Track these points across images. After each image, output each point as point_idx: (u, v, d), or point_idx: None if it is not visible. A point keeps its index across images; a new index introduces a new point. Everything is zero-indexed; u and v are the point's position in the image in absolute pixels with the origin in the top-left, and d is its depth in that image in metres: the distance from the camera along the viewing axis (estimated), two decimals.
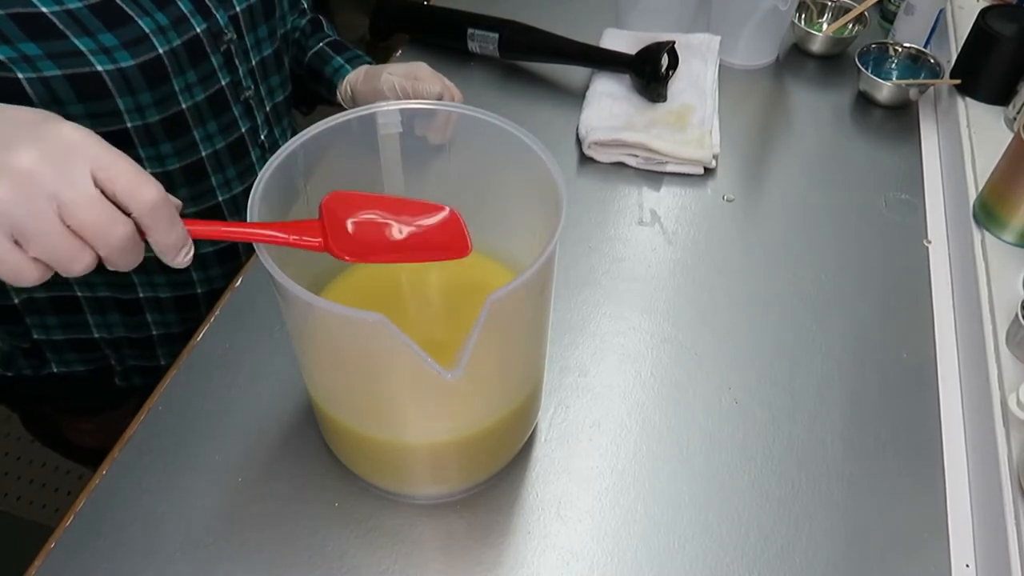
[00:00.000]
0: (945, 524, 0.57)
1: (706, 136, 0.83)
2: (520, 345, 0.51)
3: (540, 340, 0.54)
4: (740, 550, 0.55)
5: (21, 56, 0.57)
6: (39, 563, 0.53)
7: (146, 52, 0.62)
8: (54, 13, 0.58)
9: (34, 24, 0.57)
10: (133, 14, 0.61)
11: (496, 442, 0.55)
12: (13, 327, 0.73)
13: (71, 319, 0.73)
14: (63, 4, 0.58)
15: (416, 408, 0.51)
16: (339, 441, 0.56)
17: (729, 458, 0.60)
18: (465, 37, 0.95)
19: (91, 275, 0.43)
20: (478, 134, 0.52)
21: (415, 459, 0.54)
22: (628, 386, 0.65)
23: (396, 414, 0.51)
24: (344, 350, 0.48)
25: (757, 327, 0.69)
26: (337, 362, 0.50)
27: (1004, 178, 0.71)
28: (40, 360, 0.76)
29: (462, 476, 0.56)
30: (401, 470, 0.55)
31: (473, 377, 0.44)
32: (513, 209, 0.55)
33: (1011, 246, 0.71)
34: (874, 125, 0.91)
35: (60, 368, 0.77)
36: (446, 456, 0.53)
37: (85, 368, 0.78)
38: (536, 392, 0.56)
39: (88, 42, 0.59)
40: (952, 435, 0.62)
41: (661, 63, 0.87)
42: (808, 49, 1.00)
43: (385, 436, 0.52)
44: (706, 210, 0.80)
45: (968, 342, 0.67)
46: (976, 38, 0.86)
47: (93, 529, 0.55)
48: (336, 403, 0.52)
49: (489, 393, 0.51)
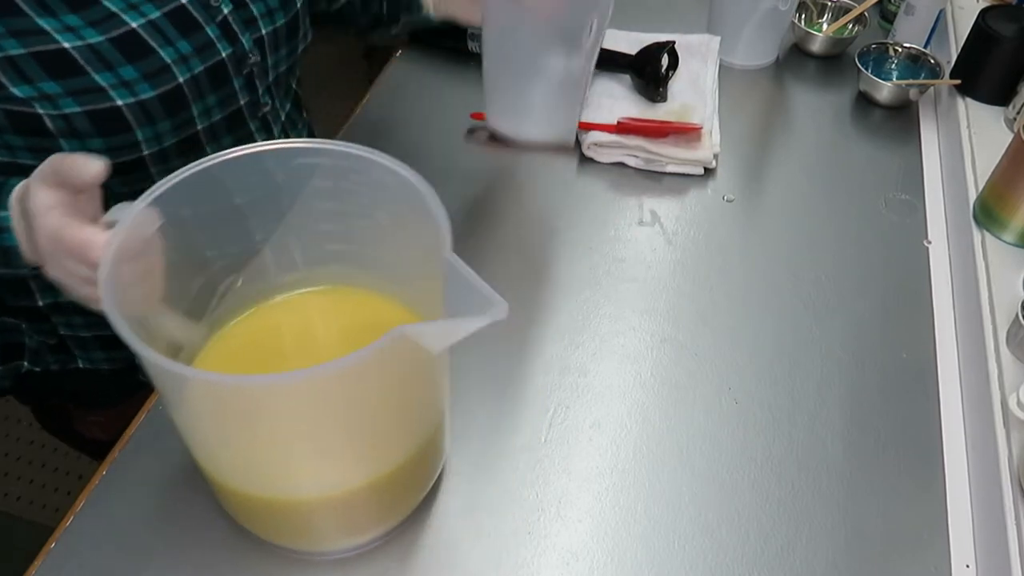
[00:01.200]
0: (945, 524, 0.57)
1: (706, 136, 0.83)
2: (419, 387, 0.49)
3: (440, 380, 0.51)
4: (740, 550, 0.55)
5: (41, 95, 0.57)
6: (39, 563, 0.53)
7: (167, 82, 0.61)
8: (76, 48, 0.57)
9: (55, 61, 0.57)
10: (155, 44, 0.61)
11: (407, 482, 0.53)
12: (40, 324, 0.74)
13: (95, 319, 0.74)
14: (84, 39, 0.58)
15: (318, 461, 0.48)
16: (237, 506, 0.53)
17: (729, 458, 0.60)
18: (465, 37, 0.95)
19: None
20: (366, 173, 0.50)
21: (330, 512, 0.51)
22: (628, 386, 0.65)
23: (303, 468, 0.49)
24: (231, 418, 0.45)
25: (757, 327, 0.69)
26: (225, 432, 0.47)
27: (1004, 178, 0.71)
28: (67, 355, 0.77)
29: (377, 521, 0.54)
30: (318, 525, 0.53)
31: (375, 421, 0.45)
32: (405, 248, 0.51)
33: (1011, 246, 0.71)
34: (874, 125, 0.91)
35: (85, 364, 0.78)
36: (359, 504, 0.51)
37: (109, 366, 0.79)
38: (440, 430, 0.54)
39: (108, 77, 0.59)
40: (952, 435, 0.62)
41: (661, 63, 0.87)
42: (808, 49, 1.00)
43: (295, 493, 0.49)
44: (706, 210, 0.80)
45: (968, 342, 0.67)
46: (976, 38, 0.86)
47: (93, 529, 0.55)
48: (232, 472, 0.49)
49: (390, 437, 0.49)
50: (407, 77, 0.96)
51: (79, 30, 0.57)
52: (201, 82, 0.64)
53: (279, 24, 0.71)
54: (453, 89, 0.94)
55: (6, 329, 0.73)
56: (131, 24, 0.60)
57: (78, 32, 0.57)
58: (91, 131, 0.60)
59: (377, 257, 0.55)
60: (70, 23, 0.57)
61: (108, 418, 0.89)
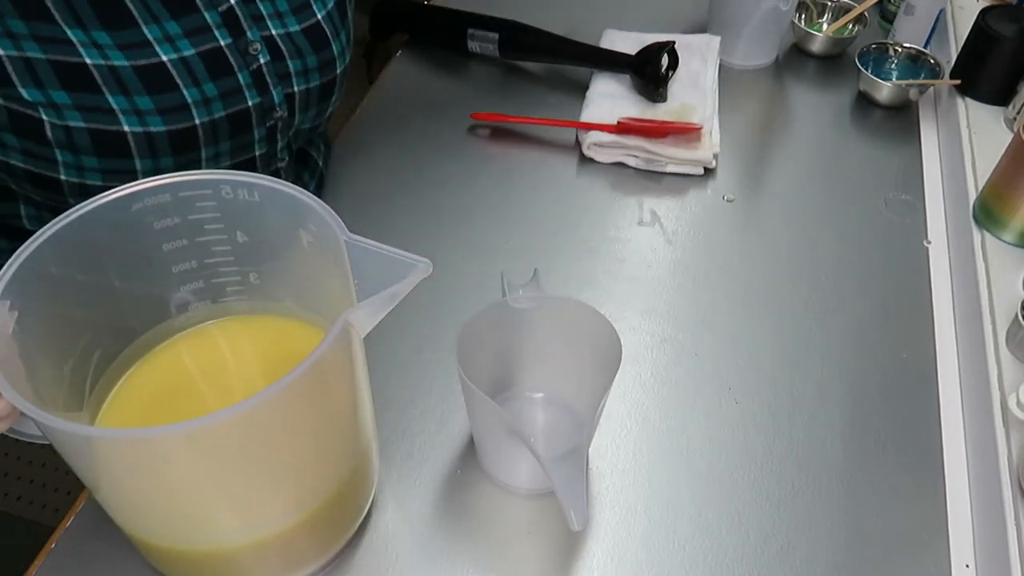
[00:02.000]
0: (945, 524, 0.57)
1: (706, 136, 0.83)
2: (341, 411, 0.47)
3: (363, 403, 0.49)
4: (740, 550, 0.55)
5: (49, 102, 0.55)
6: (39, 563, 0.53)
7: (182, 121, 0.59)
8: (97, 66, 0.55)
9: (72, 73, 0.55)
10: (181, 82, 0.58)
11: (341, 511, 0.51)
12: None
13: None
14: (109, 59, 0.56)
15: (245, 504, 0.45)
16: (166, 563, 0.50)
17: (729, 458, 0.60)
18: (465, 37, 0.95)
19: None
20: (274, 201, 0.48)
21: (264, 555, 0.48)
22: (628, 386, 0.65)
23: (231, 515, 0.45)
24: (145, 473, 0.41)
25: (757, 327, 0.69)
26: (140, 488, 0.43)
27: (1004, 178, 0.71)
28: None
29: (313, 557, 0.52)
30: (251, 571, 0.50)
31: (302, 453, 0.43)
32: (314, 270, 0.49)
33: (1011, 246, 0.71)
34: (874, 125, 0.91)
35: None
36: (295, 541, 0.48)
37: None
38: (368, 456, 0.52)
39: (122, 101, 0.57)
40: (952, 435, 0.62)
41: (661, 63, 0.87)
42: (808, 49, 1.00)
43: (227, 541, 0.46)
44: (706, 210, 0.80)
45: (968, 342, 0.67)
46: (976, 38, 0.86)
47: (93, 529, 0.55)
48: (154, 529, 0.46)
49: (318, 467, 0.47)
50: (407, 77, 0.96)
51: (106, 49, 0.56)
52: (219, 127, 0.62)
53: (313, 85, 0.69)
54: (453, 89, 0.94)
55: None
56: (162, 57, 0.58)
57: (104, 51, 0.56)
58: (90, 149, 0.58)
59: (264, 281, 0.52)
60: (99, 40, 0.56)
61: None
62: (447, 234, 0.76)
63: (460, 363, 0.50)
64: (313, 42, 0.67)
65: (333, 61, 0.70)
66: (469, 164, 0.85)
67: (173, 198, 0.48)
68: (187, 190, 0.48)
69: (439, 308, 0.69)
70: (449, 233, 0.76)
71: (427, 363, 0.65)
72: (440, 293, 0.70)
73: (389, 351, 0.66)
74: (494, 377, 0.59)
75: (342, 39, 0.71)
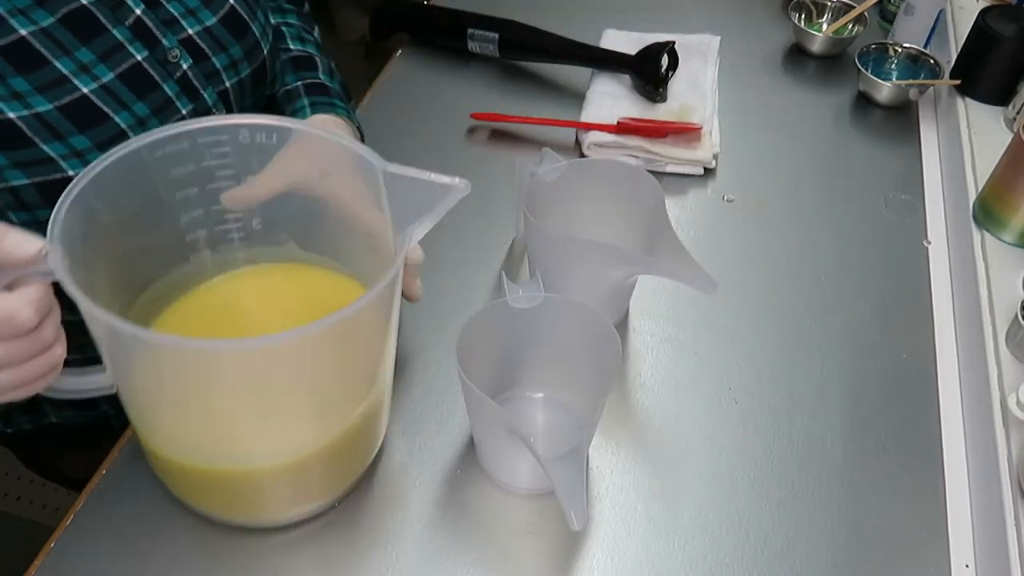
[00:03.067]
0: (945, 524, 0.57)
1: (706, 136, 0.83)
2: (377, 345, 0.50)
3: (391, 338, 0.52)
4: (740, 550, 0.55)
5: None
6: (39, 563, 0.53)
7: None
8: (22, 118, 0.52)
9: (1, 132, 0.52)
10: (109, 111, 0.56)
11: (358, 444, 0.54)
12: None
13: None
14: (32, 107, 0.53)
15: (275, 426, 0.49)
16: (183, 482, 0.54)
17: (729, 458, 0.60)
18: (465, 37, 0.95)
19: (82, 338, 0.44)
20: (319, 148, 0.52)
21: (282, 480, 0.52)
22: (628, 386, 0.65)
23: (258, 435, 0.49)
24: (190, 385, 0.46)
25: (757, 327, 0.69)
26: (181, 401, 0.48)
27: (1004, 178, 0.71)
28: (38, 414, 0.74)
29: (327, 489, 0.55)
30: (268, 496, 0.53)
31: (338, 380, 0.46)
32: (356, 221, 0.53)
33: (1011, 246, 0.71)
34: (874, 125, 0.91)
35: (59, 420, 0.75)
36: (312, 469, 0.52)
37: (82, 422, 0.76)
38: (383, 399, 0.55)
39: (59, 147, 0.54)
40: (952, 435, 0.62)
41: (661, 63, 0.87)
42: (808, 49, 1.00)
43: (247, 463, 0.49)
44: (706, 210, 0.80)
45: (968, 342, 0.67)
46: (976, 38, 0.86)
47: (93, 529, 0.55)
48: (182, 445, 0.50)
49: (346, 396, 0.50)
50: (407, 77, 0.96)
51: (27, 97, 0.53)
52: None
53: (244, 75, 0.66)
54: (453, 89, 0.94)
55: None
56: (83, 89, 0.54)
57: (26, 100, 0.53)
58: (40, 203, 0.55)
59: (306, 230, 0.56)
60: (18, 88, 0.52)
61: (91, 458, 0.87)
62: (447, 234, 0.76)
63: (460, 363, 0.51)
64: (233, 30, 0.64)
65: (257, 44, 0.67)
66: (469, 164, 0.85)
67: (191, 145, 0.50)
68: (206, 136, 0.50)
69: (439, 308, 0.69)
70: (449, 233, 0.76)
71: (427, 363, 0.65)
72: (440, 293, 0.70)
73: None
74: (494, 377, 0.59)
75: (260, 17, 0.68)
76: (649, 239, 0.63)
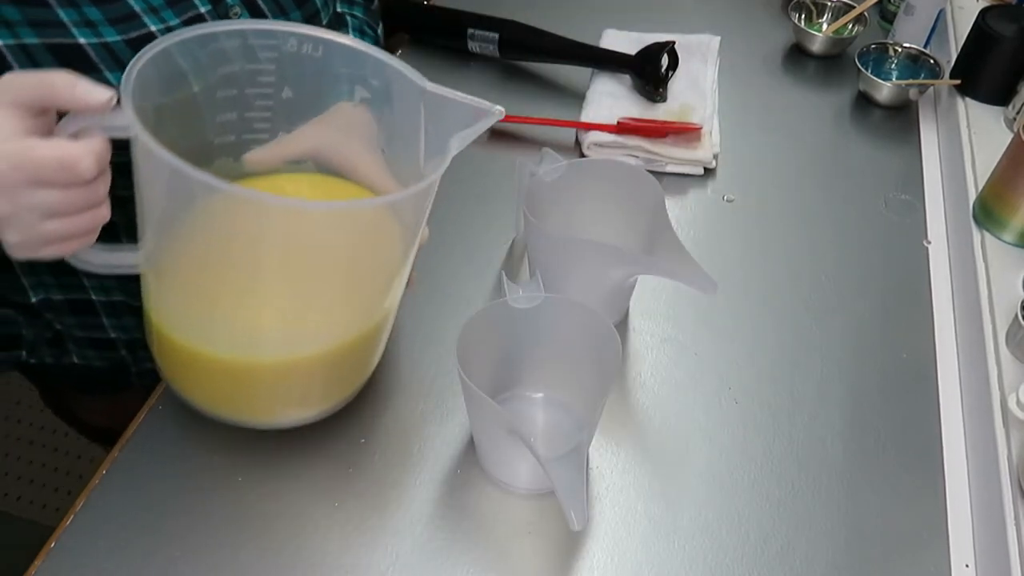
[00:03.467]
0: (945, 524, 0.57)
1: (706, 136, 0.83)
2: (398, 249, 0.53)
3: (409, 260, 0.55)
4: (740, 550, 0.55)
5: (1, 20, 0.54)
6: (39, 563, 0.53)
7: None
8: (91, 45, 0.55)
9: (70, 56, 0.55)
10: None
11: (364, 354, 0.57)
12: (35, 319, 0.73)
13: (88, 320, 0.73)
14: (102, 37, 0.56)
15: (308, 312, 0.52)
16: (191, 370, 0.55)
17: (729, 458, 0.60)
18: (465, 37, 0.95)
19: (106, 280, 0.45)
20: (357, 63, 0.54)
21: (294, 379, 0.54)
22: (628, 386, 0.65)
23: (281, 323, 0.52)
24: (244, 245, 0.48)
25: (757, 327, 0.69)
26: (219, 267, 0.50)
27: (1004, 178, 0.71)
28: (62, 350, 0.77)
29: (329, 395, 0.58)
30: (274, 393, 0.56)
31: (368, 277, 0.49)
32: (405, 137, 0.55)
33: (1011, 246, 0.71)
34: (874, 125, 0.91)
35: (80, 360, 0.78)
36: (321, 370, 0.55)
37: (102, 364, 0.79)
38: (389, 317, 0.57)
39: (119, 77, 0.57)
40: (952, 435, 0.62)
41: (661, 63, 0.87)
42: (808, 49, 1.00)
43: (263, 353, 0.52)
44: (706, 210, 0.80)
45: (968, 342, 0.67)
46: (976, 38, 0.86)
47: (93, 529, 0.55)
48: (199, 327, 0.52)
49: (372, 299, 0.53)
50: None
51: (98, 26, 0.56)
52: None
53: None
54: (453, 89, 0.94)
55: (5, 320, 0.73)
56: (150, 28, 0.57)
57: (97, 29, 0.56)
58: (52, 64, 0.57)
59: None
60: (91, 17, 0.55)
61: (108, 406, 0.89)
62: (447, 233, 0.76)
63: (460, 363, 0.51)
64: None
65: (317, 14, 0.67)
66: (469, 164, 0.84)
67: (243, 44, 0.51)
68: (259, 38, 0.51)
69: (439, 308, 0.69)
70: (449, 232, 0.76)
71: (427, 363, 0.65)
72: (440, 293, 0.70)
73: (389, 351, 0.66)
74: (494, 377, 0.59)
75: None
76: (649, 239, 0.63)
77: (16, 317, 0.73)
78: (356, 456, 0.59)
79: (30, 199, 0.43)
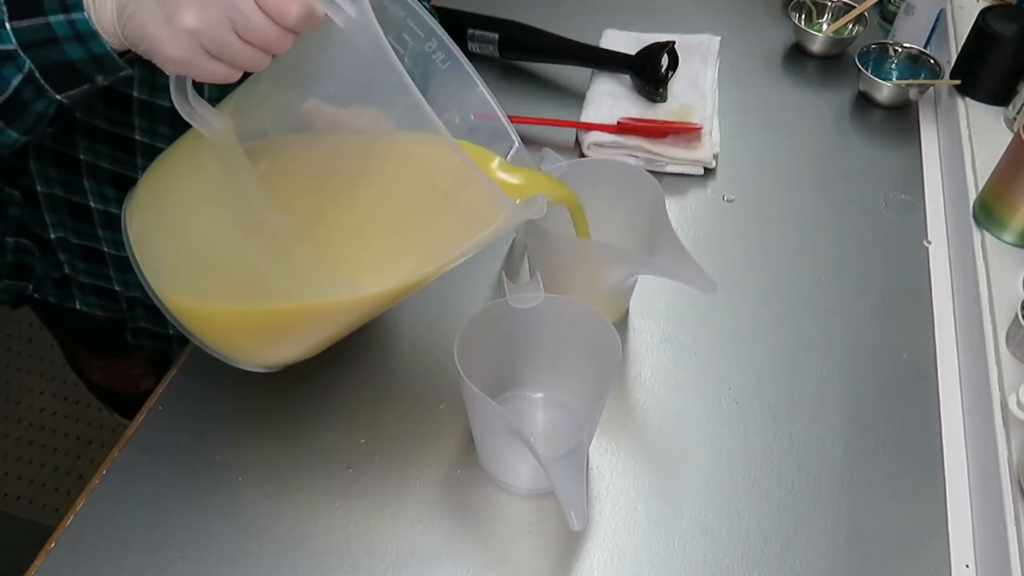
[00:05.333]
0: (945, 524, 0.57)
1: (706, 136, 0.83)
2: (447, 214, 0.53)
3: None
4: (740, 550, 0.55)
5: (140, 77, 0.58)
6: (39, 563, 0.53)
7: None
8: None
9: None
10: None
11: None
12: (48, 256, 0.75)
13: (96, 269, 0.75)
14: None
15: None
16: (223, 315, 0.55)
17: (729, 458, 0.60)
18: (465, 37, 0.95)
19: (118, 234, 0.45)
20: None
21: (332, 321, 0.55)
22: (628, 386, 0.65)
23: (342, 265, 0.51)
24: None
25: (757, 327, 0.69)
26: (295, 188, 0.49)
27: (1004, 178, 0.71)
28: (66, 292, 0.78)
29: None
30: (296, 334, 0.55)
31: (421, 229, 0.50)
32: None
33: (1011, 246, 0.71)
34: (874, 125, 0.91)
35: (82, 307, 0.79)
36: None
37: (103, 314, 0.80)
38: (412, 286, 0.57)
39: None
40: (952, 435, 0.62)
41: (661, 63, 0.87)
42: (808, 49, 1.00)
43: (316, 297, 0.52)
44: (706, 210, 0.80)
45: (968, 342, 0.67)
46: (976, 38, 0.86)
47: (93, 529, 0.55)
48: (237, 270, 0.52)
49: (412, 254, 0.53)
50: None
51: None
52: None
53: None
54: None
55: (21, 250, 0.74)
56: None
57: None
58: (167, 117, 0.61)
59: None
60: None
61: (106, 366, 0.90)
62: None
63: (460, 363, 0.51)
64: None
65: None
66: None
67: (401, 16, 0.52)
68: (413, 21, 0.53)
69: (439, 308, 0.69)
70: None
71: (427, 363, 0.65)
72: (440, 293, 0.70)
73: (389, 351, 0.66)
74: (494, 377, 0.59)
75: None
76: (649, 239, 0.63)
77: (32, 248, 0.74)
78: (356, 456, 0.59)
79: (238, 3, 0.43)
